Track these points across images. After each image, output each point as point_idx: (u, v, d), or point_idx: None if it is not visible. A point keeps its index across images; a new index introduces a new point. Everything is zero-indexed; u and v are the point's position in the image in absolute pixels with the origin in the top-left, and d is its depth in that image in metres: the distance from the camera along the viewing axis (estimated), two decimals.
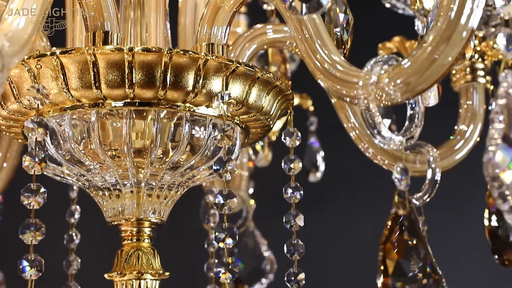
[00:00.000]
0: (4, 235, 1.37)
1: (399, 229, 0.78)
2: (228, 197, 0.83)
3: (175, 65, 0.83)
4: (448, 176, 1.03)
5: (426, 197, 0.93)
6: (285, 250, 0.90)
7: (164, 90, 0.84)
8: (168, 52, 0.83)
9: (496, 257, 0.91)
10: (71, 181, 0.95)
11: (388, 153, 1.00)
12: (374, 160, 1.05)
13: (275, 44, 1.05)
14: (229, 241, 0.82)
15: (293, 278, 0.89)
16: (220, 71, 0.86)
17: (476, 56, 1.10)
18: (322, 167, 1.40)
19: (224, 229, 0.82)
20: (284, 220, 0.90)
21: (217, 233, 0.82)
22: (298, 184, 0.90)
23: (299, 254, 0.90)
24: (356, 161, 1.30)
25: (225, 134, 0.84)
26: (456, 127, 1.10)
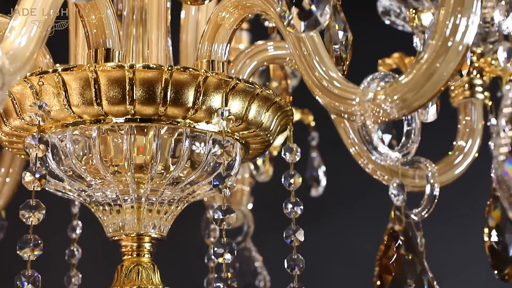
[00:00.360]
0: (8, 250, 1.37)
1: (396, 245, 0.79)
2: (227, 213, 0.83)
3: (176, 82, 0.84)
4: (451, 189, 1.03)
5: (425, 213, 0.94)
6: (286, 265, 0.90)
7: (165, 107, 0.85)
8: (169, 69, 0.84)
9: (496, 272, 0.92)
10: (72, 197, 0.95)
11: (385, 169, 1.01)
12: (374, 176, 1.06)
13: (275, 61, 1.06)
14: (228, 257, 0.82)
15: None
16: (220, 88, 0.86)
17: (475, 72, 1.10)
18: (324, 182, 1.40)
19: (223, 244, 0.83)
20: (285, 235, 0.90)
21: (216, 248, 0.83)
22: (298, 199, 0.90)
23: (300, 269, 0.89)
24: (356, 176, 1.30)
25: (225, 150, 0.84)
26: (455, 143, 1.10)
